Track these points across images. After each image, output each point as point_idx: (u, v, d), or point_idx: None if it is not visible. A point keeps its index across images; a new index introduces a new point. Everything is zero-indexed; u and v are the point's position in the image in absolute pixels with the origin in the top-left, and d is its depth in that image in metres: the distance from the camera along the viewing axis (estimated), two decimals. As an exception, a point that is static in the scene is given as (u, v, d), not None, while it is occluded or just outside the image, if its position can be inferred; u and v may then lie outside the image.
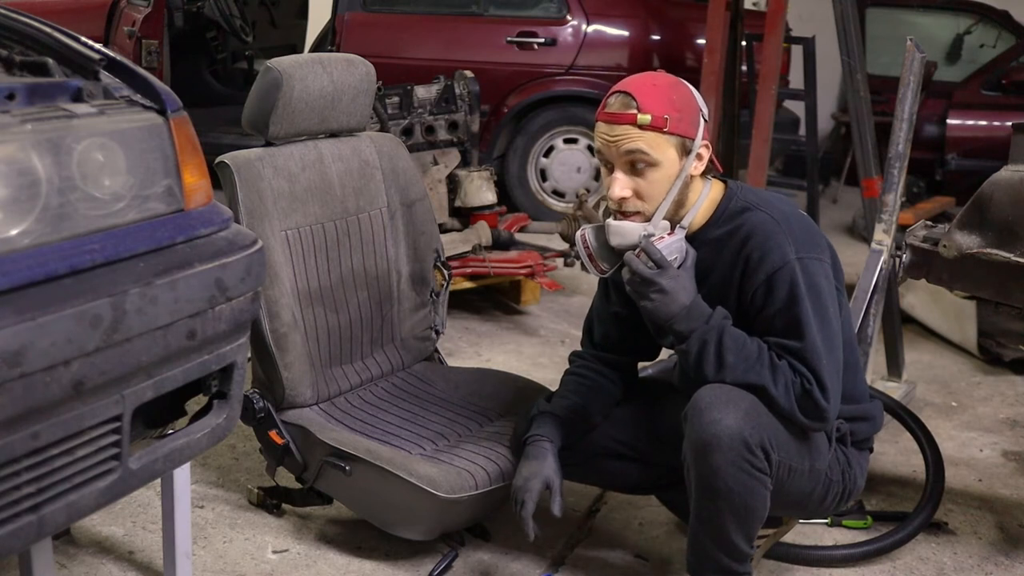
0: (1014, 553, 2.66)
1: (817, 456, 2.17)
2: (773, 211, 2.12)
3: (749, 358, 2.05)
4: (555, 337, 4.14)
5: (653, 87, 2.08)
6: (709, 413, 2.00)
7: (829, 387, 2.05)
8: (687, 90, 2.12)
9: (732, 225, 2.13)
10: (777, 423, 2.06)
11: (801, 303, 2.05)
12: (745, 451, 1.99)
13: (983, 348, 4.02)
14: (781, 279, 2.06)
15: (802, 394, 2.04)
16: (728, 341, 2.06)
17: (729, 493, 2.01)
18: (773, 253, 2.06)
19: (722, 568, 2.11)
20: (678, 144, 2.08)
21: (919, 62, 3.21)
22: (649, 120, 2.04)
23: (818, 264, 2.10)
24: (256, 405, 2.48)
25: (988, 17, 7.57)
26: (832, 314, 2.10)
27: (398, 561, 2.48)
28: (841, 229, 6.33)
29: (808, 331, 2.04)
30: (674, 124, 2.06)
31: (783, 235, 2.08)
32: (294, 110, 2.50)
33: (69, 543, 2.47)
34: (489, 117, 5.68)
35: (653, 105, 2.05)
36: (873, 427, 2.33)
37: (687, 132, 2.08)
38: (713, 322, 2.08)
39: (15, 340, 1.44)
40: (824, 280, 2.10)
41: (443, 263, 2.84)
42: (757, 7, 6.51)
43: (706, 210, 2.17)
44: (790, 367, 2.05)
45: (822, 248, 2.14)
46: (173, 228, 1.78)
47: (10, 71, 1.75)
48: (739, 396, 2.03)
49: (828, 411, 2.06)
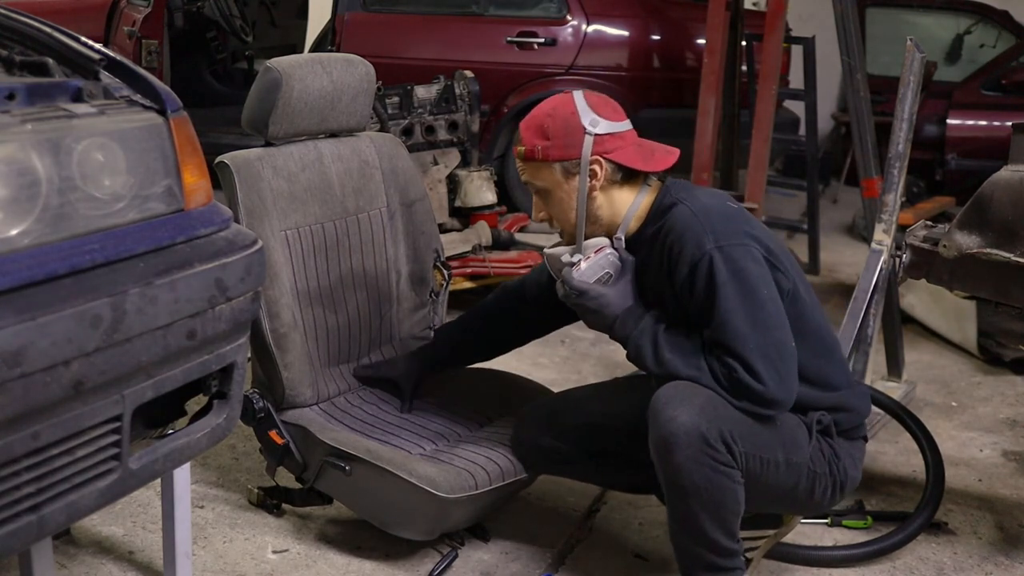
0: (1014, 553, 2.66)
1: (793, 448, 2.16)
2: (694, 204, 2.16)
3: (685, 353, 2.09)
4: (555, 337, 4.11)
5: (531, 119, 2.23)
6: (665, 411, 2.03)
7: (759, 370, 2.03)
8: (565, 113, 2.18)
9: (660, 222, 2.19)
10: (738, 415, 2.06)
11: (720, 290, 2.06)
12: (704, 446, 2.00)
13: (983, 348, 4.02)
14: (700, 270, 2.09)
15: (731, 381, 2.05)
16: (662, 339, 2.12)
17: (696, 489, 2.03)
18: (689, 245, 2.11)
19: (710, 565, 2.12)
20: (559, 168, 2.18)
21: (919, 62, 3.21)
22: (523, 152, 2.20)
23: (741, 249, 2.10)
24: (256, 405, 2.48)
25: (988, 17, 7.57)
26: (766, 296, 2.09)
27: (398, 561, 2.48)
28: (841, 229, 6.33)
29: (730, 316, 2.05)
30: (544, 151, 2.17)
31: (700, 226, 2.11)
32: (294, 110, 2.50)
33: (69, 543, 2.47)
34: (489, 117, 5.68)
35: (526, 137, 2.21)
36: (858, 415, 2.31)
37: (564, 155, 2.17)
38: (644, 324, 2.15)
39: (15, 340, 1.44)
40: (752, 264, 2.10)
41: (443, 263, 2.84)
42: (757, 7, 6.51)
43: (642, 213, 2.23)
44: (716, 358, 2.07)
45: (745, 234, 2.14)
46: (173, 228, 1.78)
47: (10, 71, 1.75)
48: (694, 392, 2.05)
49: (767, 392, 2.04)
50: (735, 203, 2.26)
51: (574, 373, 3.78)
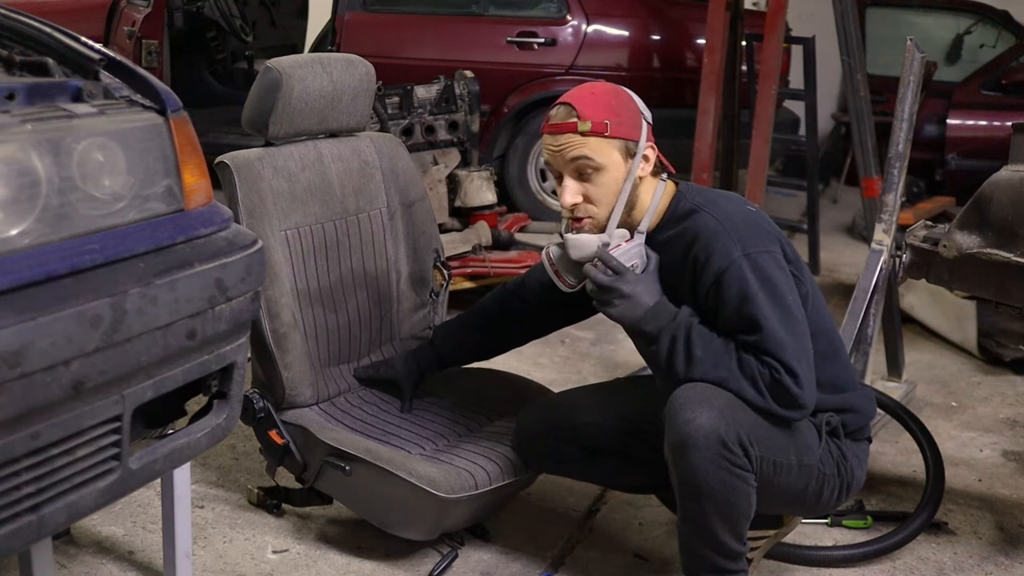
0: (1014, 553, 2.66)
1: (805, 451, 2.17)
2: (717, 211, 2.15)
3: (717, 353, 2.08)
4: (555, 337, 4.11)
5: (591, 95, 2.16)
6: (684, 412, 2.02)
7: (799, 373, 2.05)
8: (627, 96, 2.19)
9: (679, 228, 2.17)
10: (756, 418, 2.06)
11: (754, 298, 2.06)
12: (722, 448, 2.00)
13: (983, 348, 4.02)
14: (729, 278, 2.08)
15: (772, 383, 2.05)
16: (696, 337, 2.09)
17: (711, 492, 2.02)
18: (718, 254, 2.09)
19: (715, 567, 2.12)
20: (621, 147, 2.15)
21: (919, 62, 3.21)
22: (589, 126, 2.12)
23: (767, 256, 2.11)
24: (256, 405, 2.48)
25: (988, 17, 7.57)
26: (792, 302, 2.11)
27: (398, 561, 2.48)
28: (841, 229, 6.33)
29: (766, 323, 2.05)
30: (614, 128, 2.13)
31: (726, 235, 2.11)
32: (294, 110, 2.50)
33: (69, 543, 2.47)
34: (489, 117, 5.68)
35: (592, 112, 2.13)
36: (864, 416, 2.32)
37: (629, 135, 2.15)
38: (680, 319, 2.11)
39: (15, 340, 1.44)
40: (778, 271, 2.11)
41: (443, 263, 2.84)
42: (757, 7, 6.52)
43: (659, 211, 2.22)
44: (756, 359, 2.06)
45: (770, 241, 2.15)
46: (173, 228, 1.78)
47: (10, 71, 1.75)
48: (714, 394, 2.04)
49: (802, 397, 2.06)
50: (752, 206, 2.25)
51: (574, 373, 3.78)
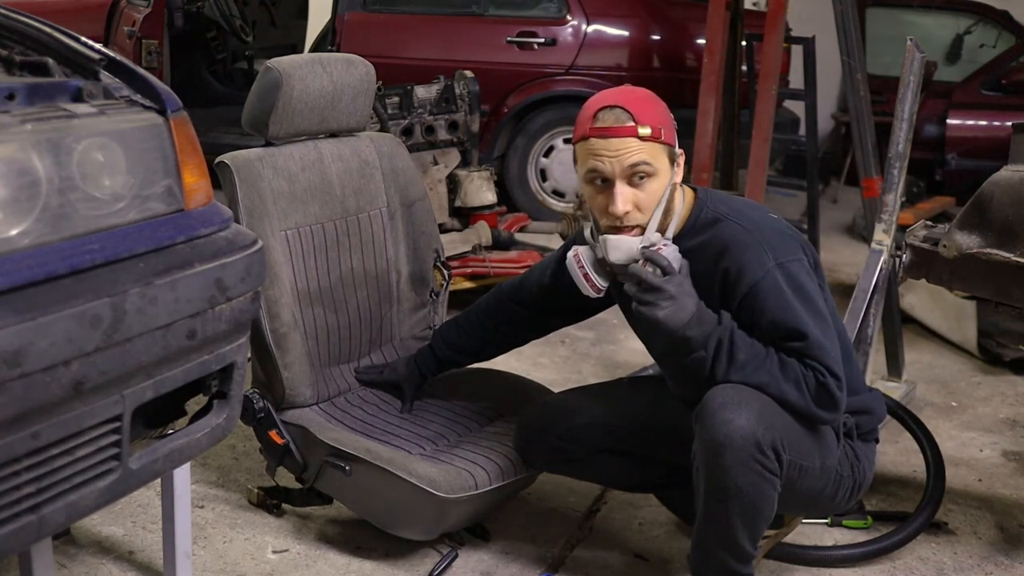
0: (1014, 553, 2.66)
1: (827, 453, 2.18)
2: (744, 221, 2.14)
3: (758, 357, 2.06)
4: (555, 337, 4.11)
5: (639, 100, 2.11)
6: (722, 413, 2.00)
7: (841, 376, 2.07)
8: (660, 102, 2.15)
9: (705, 236, 2.15)
10: (790, 423, 2.06)
11: (792, 306, 2.06)
12: (757, 452, 1.99)
13: (983, 348, 4.02)
14: (765, 288, 2.07)
15: (817, 386, 2.06)
16: (739, 341, 2.07)
17: (739, 494, 2.02)
18: (751, 265, 2.08)
19: (726, 569, 2.12)
20: (669, 153, 2.12)
21: (919, 62, 3.21)
22: (650, 131, 2.06)
23: (798, 264, 2.12)
24: (256, 405, 2.48)
25: (988, 17, 7.56)
26: (822, 307, 2.13)
27: (398, 561, 2.48)
28: (841, 229, 6.33)
29: (807, 329, 2.06)
30: (666, 133, 2.10)
31: (757, 245, 2.09)
32: (294, 110, 2.50)
33: (69, 543, 2.47)
34: (489, 117, 5.68)
35: (649, 117, 2.08)
36: (876, 418, 2.35)
37: (673, 141, 2.13)
38: (725, 322, 2.08)
39: (15, 340, 1.44)
40: (807, 278, 2.13)
41: (443, 263, 2.84)
42: (757, 7, 6.51)
43: (682, 219, 2.18)
44: (799, 363, 2.06)
45: (797, 248, 2.16)
46: (173, 228, 1.78)
47: (10, 71, 1.75)
48: (751, 396, 2.03)
49: (842, 400, 2.08)
50: (773, 213, 2.24)
51: (574, 373, 3.77)
